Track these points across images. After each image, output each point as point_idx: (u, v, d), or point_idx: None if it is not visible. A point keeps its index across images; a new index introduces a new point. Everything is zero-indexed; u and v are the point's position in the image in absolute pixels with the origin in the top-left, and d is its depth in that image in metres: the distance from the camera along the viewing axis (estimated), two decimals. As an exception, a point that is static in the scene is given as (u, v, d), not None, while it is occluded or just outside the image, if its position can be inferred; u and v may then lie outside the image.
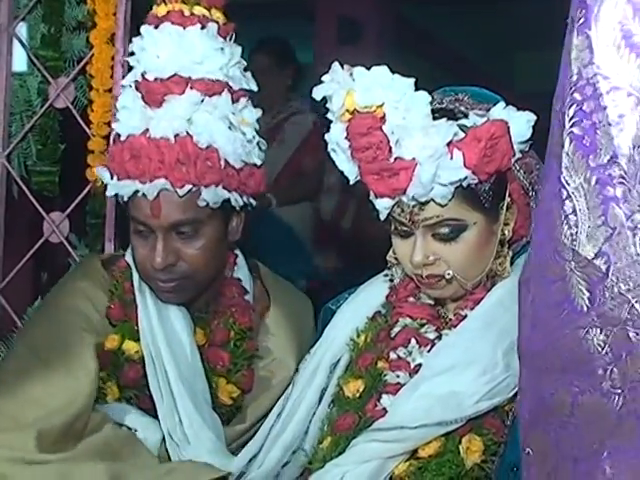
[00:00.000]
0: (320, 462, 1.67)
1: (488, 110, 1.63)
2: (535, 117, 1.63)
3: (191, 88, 1.77)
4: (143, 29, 1.81)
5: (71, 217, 2.40)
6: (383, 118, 1.55)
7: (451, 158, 1.54)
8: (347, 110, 1.56)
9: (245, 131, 1.82)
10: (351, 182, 1.63)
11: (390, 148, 1.55)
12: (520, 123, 1.61)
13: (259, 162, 1.85)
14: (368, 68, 1.58)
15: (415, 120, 1.55)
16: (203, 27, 1.79)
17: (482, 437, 1.58)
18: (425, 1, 6.97)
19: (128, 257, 1.95)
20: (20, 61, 2.47)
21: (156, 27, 1.80)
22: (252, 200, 1.88)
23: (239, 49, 1.85)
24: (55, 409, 1.73)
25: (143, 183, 1.74)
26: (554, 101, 1.30)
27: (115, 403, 1.86)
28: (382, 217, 1.62)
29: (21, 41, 2.45)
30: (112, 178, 1.79)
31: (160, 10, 1.82)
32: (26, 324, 2.19)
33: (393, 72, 1.58)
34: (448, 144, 1.54)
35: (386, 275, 1.79)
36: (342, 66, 1.58)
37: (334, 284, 3.24)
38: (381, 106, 1.55)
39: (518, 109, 1.64)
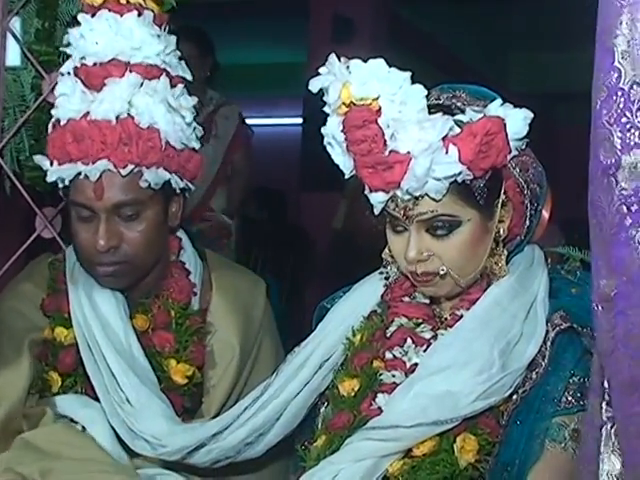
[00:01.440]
0: (314, 460, 1.67)
1: (485, 106, 1.63)
2: (532, 114, 1.63)
3: (130, 72, 1.80)
4: (80, 17, 1.85)
5: (63, 212, 2.39)
6: (379, 111, 1.54)
7: (446, 153, 1.53)
8: (343, 103, 1.55)
9: (184, 114, 1.87)
10: (346, 176, 1.63)
11: (385, 141, 1.54)
12: (517, 120, 1.61)
13: (197, 146, 1.91)
14: (365, 61, 1.57)
15: (411, 113, 1.55)
16: (140, 14, 1.83)
17: (477, 437, 1.58)
18: (420, 0, 6.96)
19: (68, 251, 1.99)
20: (14, 56, 2.45)
21: (93, 15, 1.83)
22: (190, 185, 1.92)
23: (174, 38, 1.89)
24: None
25: (86, 164, 1.78)
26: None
27: (63, 395, 1.90)
28: (377, 211, 1.62)
29: (15, 35, 2.43)
30: (52, 165, 1.82)
31: (95, 0, 1.85)
32: None
33: (390, 66, 1.57)
34: (443, 139, 1.54)
35: (381, 273, 1.79)
36: (339, 59, 1.58)
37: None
38: (377, 99, 1.54)
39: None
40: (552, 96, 9.65)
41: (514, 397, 1.61)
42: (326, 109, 1.60)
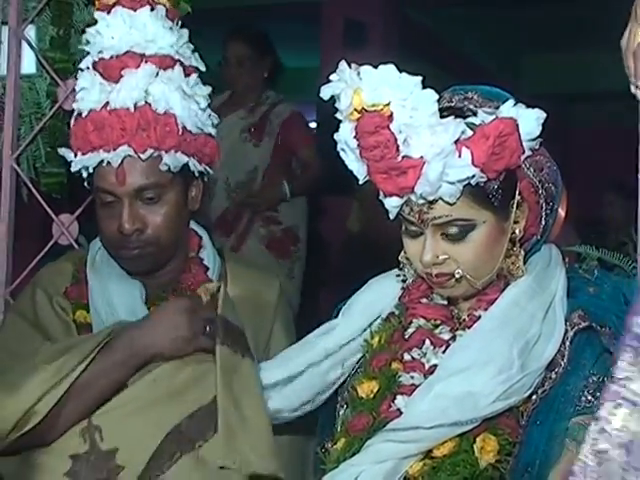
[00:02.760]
0: (334, 462, 1.66)
1: (497, 108, 1.61)
2: (545, 114, 1.62)
3: (146, 62, 1.86)
4: (96, 15, 1.90)
5: (80, 219, 2.40)
6: (391, 116, 1.53)
7: (459, 156, 1.52)
8: (355, 109, 1.55)
9: (199, 101, 1.93)
10: (360, 182, 1.62)
11: (397, 147, 1.53)
12: (529, 120, 1.59)
13: (213, 132, 1.97)
14: (375, 67, 1.57)
15: (422, 118, 1.54)
16: (152, 9, 1.89)
17: (497, 437, 1.57)
18: (430, 4, 6.96)
19: (91, 244, 2.07)
20: (29, 63, 2.47)
21: (108, 12, 1.89)
22: (209, 169, 1.98)
23: (186, 31, 1.95)
24: None
25: (107, 152, 1.84)
26: None
27: None
28: (392, 216, 1.61)
29: (30, 43, 2.45)
30: (76, 156, 1.88)
31: None
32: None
33: (400, 71, 1.57)
34: (456, 142, 1.53)
35: (398, 275, 1.78)
36: (350, 66, 1.58)
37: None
38: (388, 105, 1.53)
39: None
40: (566, 97, 9.64)
41: (533, 397, 1.60)
42: (338, 115, 1.60)
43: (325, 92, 1.58)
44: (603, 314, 1.62)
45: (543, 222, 1.67)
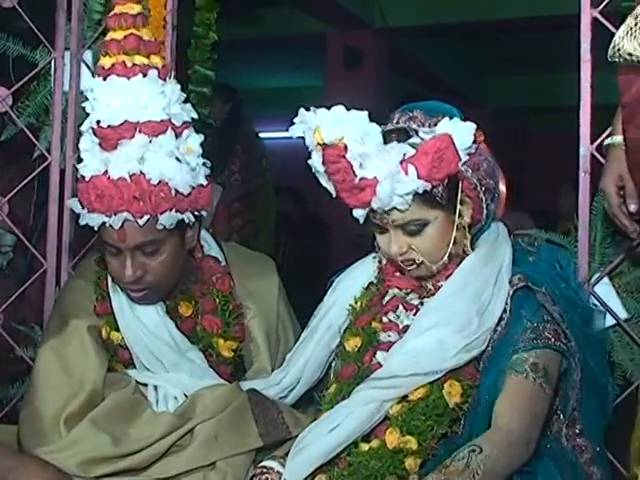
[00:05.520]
0: (328, 404, 1.70)
1: (436, 124, 1.63)
2: (475, 126, 1.62)
3: (139, 132, 1.70)
4: (94, 81, 1.74)
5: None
6: (345, 148, 1.57)
7: (406, 173, 1.55)
8: (318, 143, 1.59)
9: (190, 161, 1.77)
10: (334, 196, 1.65)
11: (354, 171, 1.58)
12: (463, 134, 1.61)
13: (205, 182, 1.80)
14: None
15: (371, 146, 1.58)
16: (144, 75, 1.72)
17: (460, 382, 1.60)
18: (414, 34, 6.94)
19: None
20: (87, 81, 2.45)
21: (104, 79, 1.73)
22: (203, 213, 1.83)
23: (178, 87, 1.77)
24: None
25: (109, 217, 1.71)
26: None
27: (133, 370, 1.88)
28: (361, 222, 1.66)
29: (87, 65, 2.44)
30: (82, 209, 1.75)
31: (105, 62, 1.73)
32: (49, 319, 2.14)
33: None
34: (402, 162, 1.56)
35: (374, 257, 1.81)
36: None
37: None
38: (342, 138, 1.57)
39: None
40: (525, 110, 9.62)
41: (488, 348, 1.63)
42: (309, 147, 1.63)
43: (293, 132, 1.63)
44: (540, 277, 1.66)
45: (485, 210, 1.68)
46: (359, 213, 1.63)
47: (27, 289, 2.47)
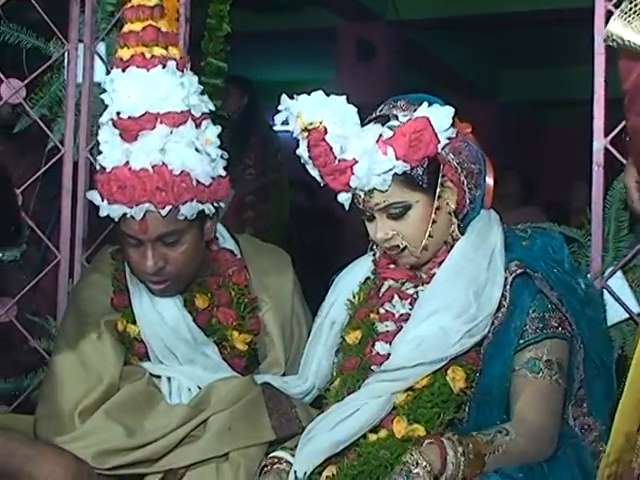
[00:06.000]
0: (334, 397, 1.71)
1: (415, 110, 1.64)
2: (453, 110, 1.63)
3: (160, 123, 1.71)
4: (113, 73, 1.75)
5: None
6: (325, 131, 1.61)
7: (384, 153, 1.58)
8: (301, 129, 1.63)
9: (210, 152, 1.77)
10: (321, 184, 1.67)
11: (333, 153, 1.61)
12: (440, 117, 1.62)
13: (224, 173, 1.80)
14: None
15: (349, 128, 1.62)
16: (164, 66, 1.72)
17: (463, 368, 1.61)
18: (427, 27, 6.91)
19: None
20: (100, 73, 2.47)
21: (123, 70, 1.73)
22: (222, 204, 1.84)
23: (195, 78, 1.78)
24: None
25: (130, 208, 1.71)
26: None
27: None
28: (346, 207, 1.68)
29: (101, 57, 2.45)
30: (102, 200, 1.74)
31: (124, 54, 1.74)
32: (64, 314, 2.13)
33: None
34: (379, 142, 1.58)
35: (371, 254, 1.83)
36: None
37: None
38: (321, 122, 1.61)
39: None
40: (538, 104, 9.58)
41: (489, 334, 1.64)
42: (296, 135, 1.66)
43: (278, 119, 1.67)
44: (535, 262, 1.67)
45: (469, 194, 1.68)
46: (344, 197, 1.66)
47: (41, 280, 2.48)
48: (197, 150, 1.74)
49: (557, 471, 1.58)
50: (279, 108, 1.65)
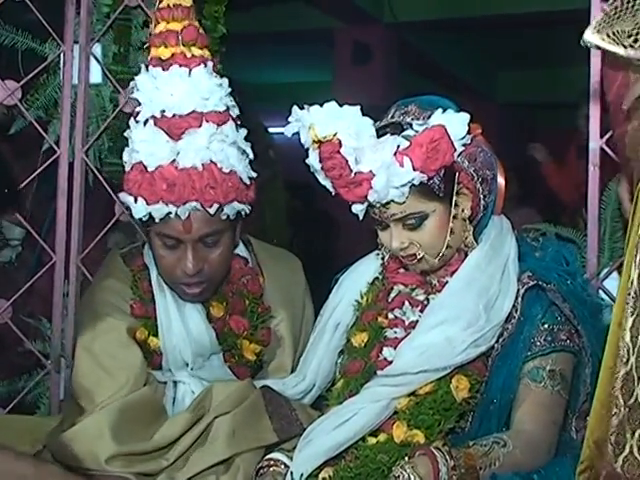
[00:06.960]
0: (335, 399, 1.70)
1: (430, 117, 1.61)
2: (469, 116, 1.61)
3: (207, 121, 1.70)
4: (153, 71, 1.73)
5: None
6: (340, 143, 1.56)
7: (401, 165, 1.54)
8: (313, 141, 1.58)
9: (248, 152, 1.78)
10: (333, 193, 1.64)
11: (349, 166, 1.57)
12: (456, 124, 1.59)
13: (254, 175, 1.81)
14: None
15: (365, 140, 1.57)
16: (205, 65, 1.73)
17: (468, 377, 1.59)
18: (424, 29, 6.93)
19: (146, 257, 1.90)
20: (96, 75, 2.46)
21: (164, 69, 1.72)
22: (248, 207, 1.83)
23: (226, 80, 1.78)
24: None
25: (176, 206, 1.68)
26: None
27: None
28: (360, 217, 1.64)
29: (97, 59, 2.45)
30: (136, 202, 1.70)
31: (164, 53, 1.73)
32: (78, 321, 2.10)
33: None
34: (396, 154, 1.55)
35: (377, 254, 1.81)
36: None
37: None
38: (336, 134, 1.56)
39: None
40: (532, 105, 9.59)
41: (496, 345, 1.62)
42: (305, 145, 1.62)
43: (288, 130, 1.62)
44: (547, 274, 1.65)
45: (483, 201, 1.66)
46: (358, 208, 1.62)
47: (36, 282, 2.47)
48: (239, 150, 1.75)
49: (555, 470, 1.56)
50: (289, 119, 1.61)
